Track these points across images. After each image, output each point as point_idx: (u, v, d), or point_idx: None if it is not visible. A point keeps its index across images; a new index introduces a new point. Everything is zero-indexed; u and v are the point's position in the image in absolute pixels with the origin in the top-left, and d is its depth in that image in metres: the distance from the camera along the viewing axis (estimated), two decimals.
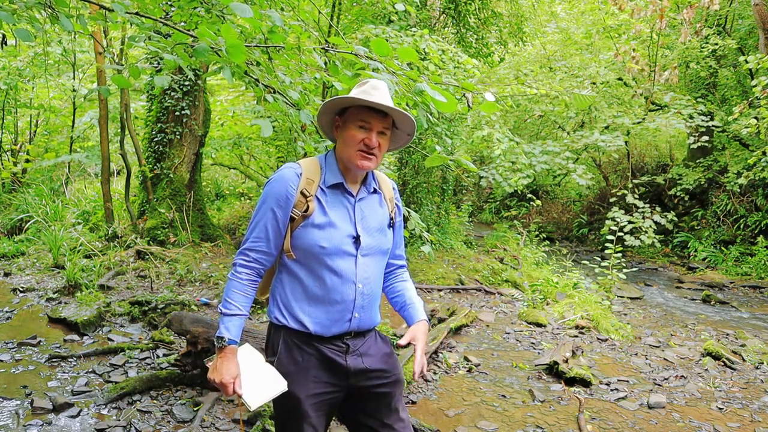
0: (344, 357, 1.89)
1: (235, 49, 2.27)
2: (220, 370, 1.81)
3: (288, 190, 1.85)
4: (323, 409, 1.89)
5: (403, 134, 2.01)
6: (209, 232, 8.33)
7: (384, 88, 1.91)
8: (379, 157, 1.89)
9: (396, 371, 2.00)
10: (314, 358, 1.87)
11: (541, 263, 9.49)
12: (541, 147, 8.05)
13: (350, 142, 1.86)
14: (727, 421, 3.87)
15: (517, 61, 13.41)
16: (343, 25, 8.40)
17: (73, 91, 11.90)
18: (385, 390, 1.95)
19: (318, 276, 1.85)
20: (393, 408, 1.96)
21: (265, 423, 3.28)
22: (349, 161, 1.88)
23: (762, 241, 10.63)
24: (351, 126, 1.88)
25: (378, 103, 1.83)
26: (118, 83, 2.83)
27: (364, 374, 1.92)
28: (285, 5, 4.27)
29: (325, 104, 1.92)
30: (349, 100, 1.86)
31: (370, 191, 1.97)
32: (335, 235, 1.85)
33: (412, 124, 1.94)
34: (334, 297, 1.85)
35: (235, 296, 1.85)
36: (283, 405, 1.88)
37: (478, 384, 4.32)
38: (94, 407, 3.51)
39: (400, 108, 1.92)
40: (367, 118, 1.86)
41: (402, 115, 1.89)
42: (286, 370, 1.87)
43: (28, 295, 5.81)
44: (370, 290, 1.92)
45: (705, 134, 10.51)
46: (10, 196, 10.79)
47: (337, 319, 1.87)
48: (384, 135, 1.90)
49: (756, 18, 10.33)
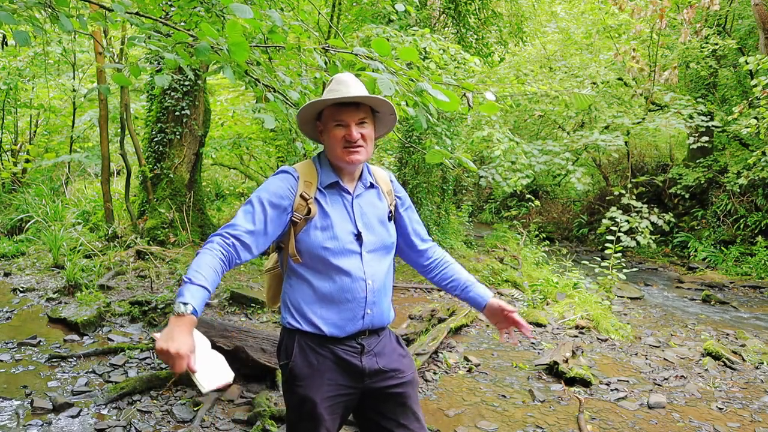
0: (359, 357, 1.88)
1: (238, 47, 2.26)
2: (177, 339, 1.51)
3: (284, 189, 1.84)
4: (338, 411, 1.88)
5: (386, 116, 1.97)
6: (209, 232, 8.32)
7: (351, 80, 1.88)
8: (367, 147, 1.87)
9: (410, 371, 1.99)
10: (329, 360, 1.86)
11: (541, 263, 9.48)
12: (541, 147, 8.06)
13: (333, 143, 1.86)
14: (727, 421, 3.87)
15: (517, 61, 13.40)
16: (343, 25, 8.40)
17: (73, 91, 11.90)
18: (399, 390, 1.94)
19: (327, 277, 1.84)
20: (408, 408, 1.95)
21: (265, 423, 3.28)
22: (339, 160, 1.87)
23: (762, 241, 10.63)
24: (330, 126, 1.87)
25: (343, 97, 1.81)
26: (119, 82, 2.83)
27: (378, 374, 1.90)
28: (285, 5, 4.27)
29: (299, 116, 1.92)
30: (317, 102, 1.86)
31: (366, 186, 1.96)
32: (338, 235, 1.84)
33: (387, 103, 1.90)
34: (345, 296, 1.84)
35: (206, 270, 1.64)
36: (298, 408, 1.86)
37: (478, 384, 4.32)
38: (94, 407, 3.51)
39: (373, 95, 1.89)
40: (340, 115, 1.84)
41: (373, 99, 1.87)
42: (300, 374, 1.85)
43: (28, 295, 5.81)
44: (379, 285, 1.90)
45: (705, 134, 10.51)
46: (10, 196, 10.79)
47: (350, 318, 1.86)
48: (364, 124, 1.87)
49: (756, 18, 10.33)
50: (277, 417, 3.36)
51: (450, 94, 2.47)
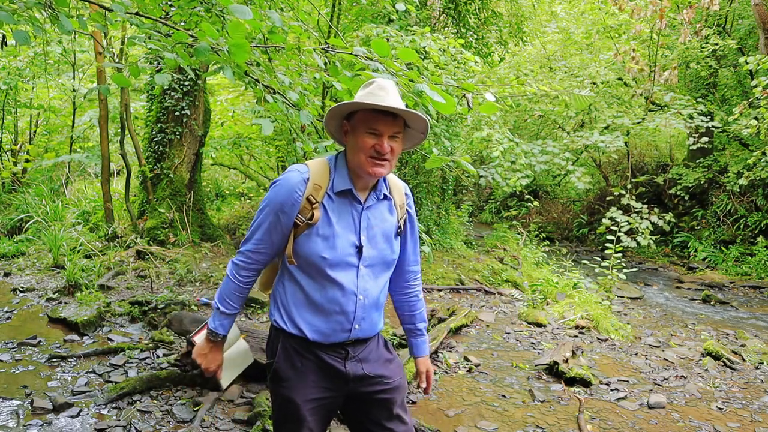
0: (343, 363, 1.86)
1: (239, 48, 2.26)
2: (209, 358, 1.95)
3: (294, 196, 1.77)
4: (321, 413, 1.88)
5: (416, 133, 1.88)
6: (209, 232, 8.33)
7: (392, 88, 1.78)
8: (392, 162, 1.78)
9: (397, 376, 1.97)
10: (313, 364, 1.85)
11: (541, 263, 9.49)
12: (541, 147, 8.06)
13: (360, 149, 1.76)
14: (727, 421, 3.87)
15: (517, 61, 13.41)
16: (343, 25, 8.40)
17: (73, 91, 11.90)
18: (385, 396, 1.93)
19: (319, 285, 1.81)
20: (394, 414, 1.94)
21: (265, 423, 3.28)
22: (360, 168, 1.77)
23: (762, 241, 10.63)
24: (360, 132, 1.76)
25: (386, 106, 1.71)
26: (119, 82, 2.83)
27: (363, 380, 1.89)
28: (284, 6, 4.27)
29: (331, 110, 1.82)
30: (356, 104, 1.76)
31: (379, 198, 1.88)
32: (338, 245, 1.78)
33: (425, 122, 1.82)
34: (334, 308, 1.81)
35: (233, 297, 1.91)
36: (282, 409, 1.87)
37: (478, 384, 4.32)
38: (94, 407, 3.51)
39: (415, 110, 1.83)
40: (375, 122, 1.74)
41: (413, 115, 1.78)
42: (284, 375, 1.85)
43: (28, 295, 5.80)
44: (371, 301, 1.86)
45: (705, 135, 10.51)
46: (10, 196, 10.78)
47: (337, 329, 1.83)
48: (396, 138, 1.78)
49: (756, 18, 10.34)
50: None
51: (447, 97, 2.46)
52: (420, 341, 2.13)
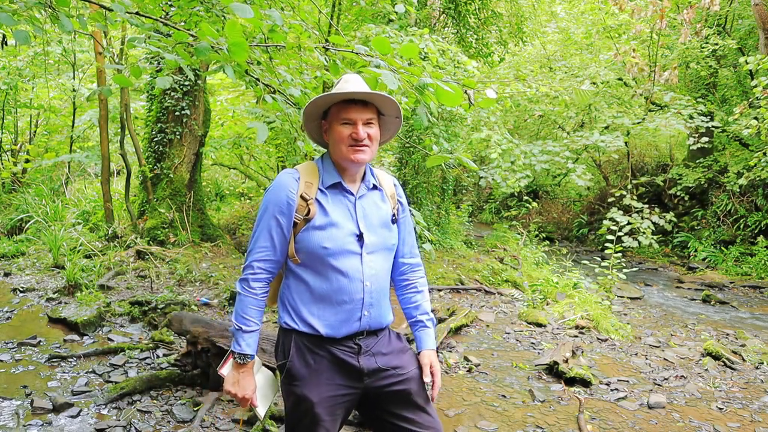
0: (356, 358, 1.86)
1: (238, 47, 2.26)
2: (242, 385, 1.87)
3: (288, 196, 1.84)
4: (337, 412, 1.87)
5: (391, 119, 1.97)
6: (209, 232, 8.33)
7: (357, 80, 1.89)
8: (372, 147, 1.87)
9: (411, 366, 1.97)
10: (326, 361, 1.85)
11: (541, 263, 9.48)
12: (541, 147, 8.05)
13: (339, 140, 1.85)
14: (727, 421, 3.86)
15: (517, 61, 13.42)
16: (343, 25, 8.40)
17: (73, 91, 11.90)
18: (401, 387, 1.92)
19: (324, 277, 1.83)
20: (413, 403, 1.93)
21: (265, 423, 3.28)
22: (343, 159, 1.86)
23: (762, 241, 10.63)
24: (335, 125, 1.86)
25: (352, 92, 1.81)
26: (119, 82, 2.82)
27: (377, 373, 1.89)
28: (285, 5, 4.27)
29: (304, 112, 1.91)
30: (324, 99, 1.85)
31: (369, 188, 1.95)
32: (338, 234, 1.83)
33: (395, 105, 1.89)
34: (342, 297, 1.83)
35: (251, 312, 1.86)
36: (296, 409, 1.86)
37: (478, 384, 4.32)
38: (94, 407, 3.51)
39: (381, 92, 1.88)
40: (347, 112, 1.84)
41: (381, 97, 1.85)
42: (298, 374, 1.85)
43: (28, 295, 5.80)
44: (378, 287, 1.89)
45: (705, 135, 10.51)
46: (10, 196, 10.79)
47: (346, 319, 1.85)
48: (371, 125, 1.87)
49: (756, 18, 10.34)
50: (277, 417, 3.37)
51: (454, 87, 2.47)
52: (423, 333, 2.08)
